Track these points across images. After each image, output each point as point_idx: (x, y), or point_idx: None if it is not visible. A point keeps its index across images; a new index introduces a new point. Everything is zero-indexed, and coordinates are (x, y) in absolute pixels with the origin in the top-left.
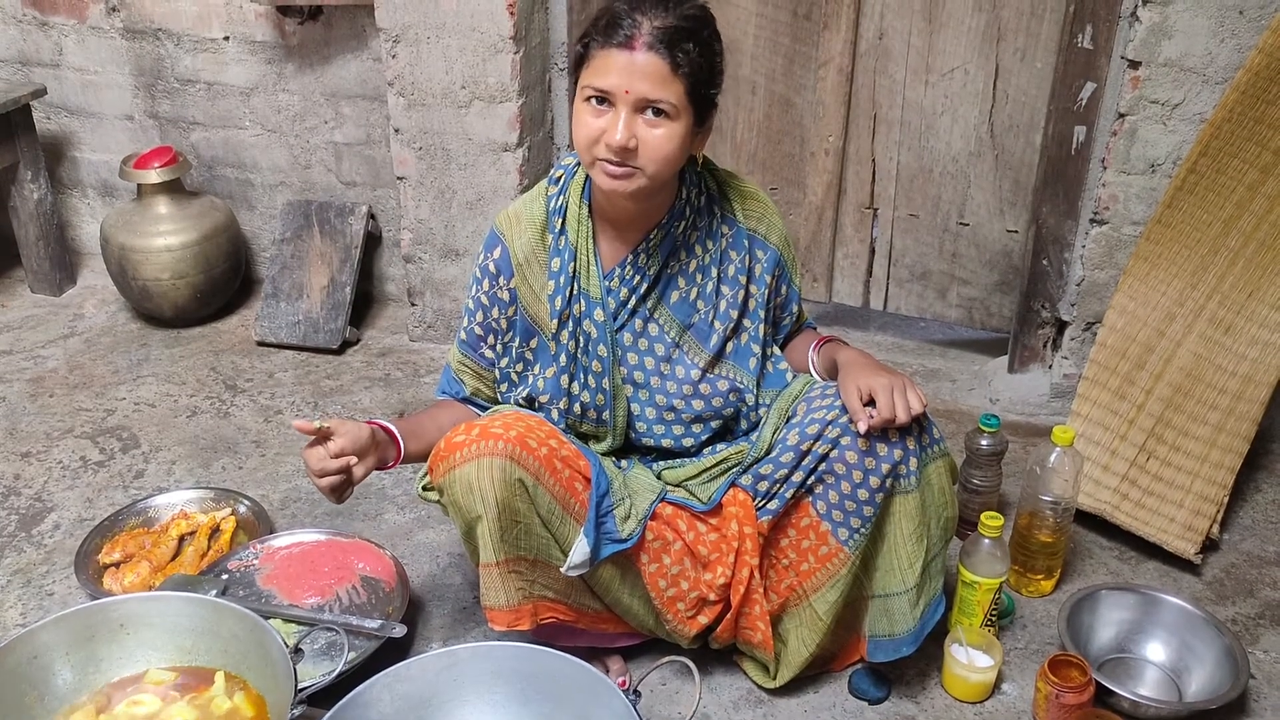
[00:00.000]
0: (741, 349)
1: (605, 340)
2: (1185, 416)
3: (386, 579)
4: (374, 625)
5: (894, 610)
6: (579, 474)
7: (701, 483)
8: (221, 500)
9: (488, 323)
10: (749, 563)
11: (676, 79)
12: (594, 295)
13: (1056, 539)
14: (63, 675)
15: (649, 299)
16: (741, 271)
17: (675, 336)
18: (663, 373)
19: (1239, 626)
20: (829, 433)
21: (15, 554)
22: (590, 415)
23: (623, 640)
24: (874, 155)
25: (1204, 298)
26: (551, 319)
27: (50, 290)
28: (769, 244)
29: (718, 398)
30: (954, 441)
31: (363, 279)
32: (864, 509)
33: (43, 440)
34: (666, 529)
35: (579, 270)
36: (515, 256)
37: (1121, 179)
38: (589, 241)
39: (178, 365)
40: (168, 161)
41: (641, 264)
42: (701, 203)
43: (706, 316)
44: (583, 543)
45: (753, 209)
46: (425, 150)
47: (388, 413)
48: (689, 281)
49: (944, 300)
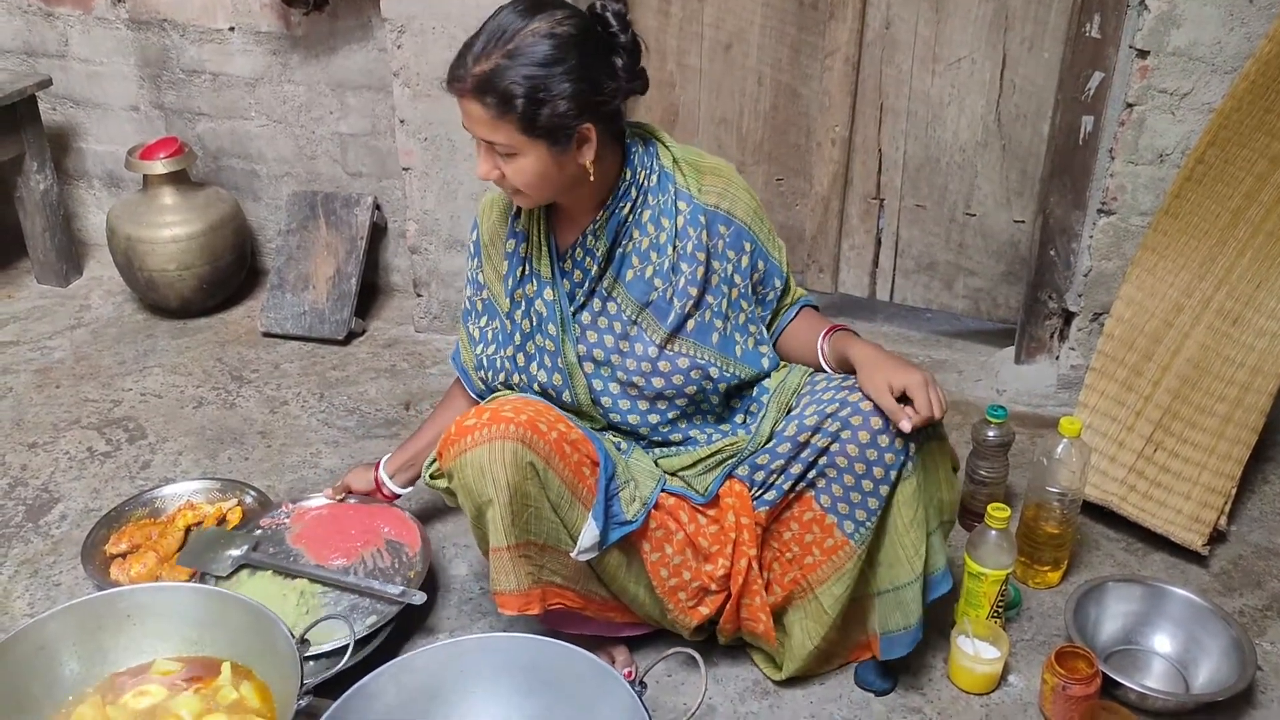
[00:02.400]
0: (704, 325)
1: (554, 319)
2: (1192, 408)
3: (410, 543)
4: (395, 591)
5: (907, 601)
6: (587, 458)
7: (698, 473)
8: (228, 491)
9: (474, 299)
10: (746, 553)
11: (504, 122)
12: (544, 275)
13: (1063, 530)
14: (70, 666)
15: (604, 279)
16: (700, 248)
17: (632, 314)
18: (621, 350)
19: (1246, 618)
20: (828, 425)
21: (22, 544)
22: (551, 395)
23: (629, 630)
24: (880, 145)
25: (1211, 289)
26: (505, 298)
27: (57, 281)
28: (733, 218)
29: (678, 375)
30: (960, 433)
31: (368, 270)
32: (869, 500)
33: (49, 431)
34: (669, 519)
35: (530, 252)
36: (483, 239)
37: (1129, 169)
38: (540, 224)
39: (184, 356)
40: (173, 152)
41: (590, 245)
42: (654, 182)
43: (665, 294)
44: (592, 526)
45: (711, 185)
46: (430, 141)
47: (394, 403)
48: (643, 260)
49: (950, 291)
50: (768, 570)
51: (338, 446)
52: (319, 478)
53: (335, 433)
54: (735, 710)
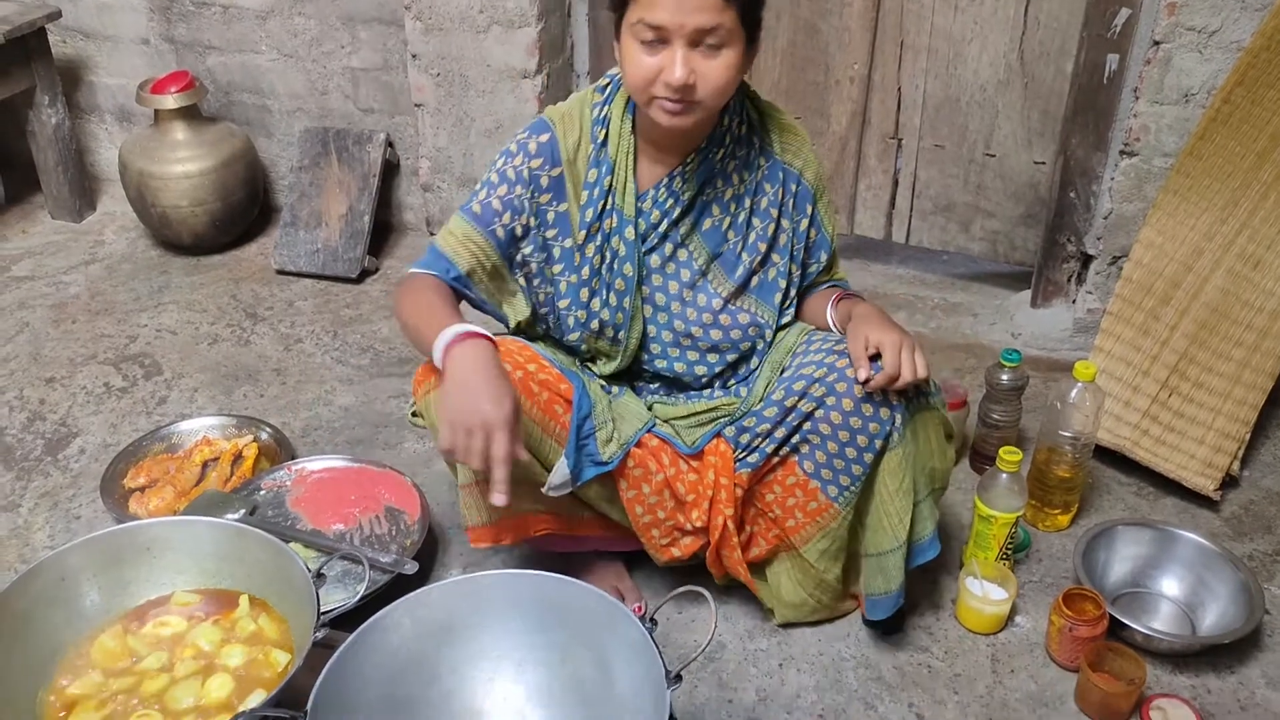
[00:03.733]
0: (768, 284)
1: (632, 259)
2: (1210, 353)
3: (409, 511)
4: (388, 560)
5: (888, 567)
6: (559, 397)
7: (689, 426)
8: (244, 427)
9: (510, 198)
10: (723, 512)
11: (730, 5)
12: (627, 213)
13: (1074, 474)
14: (90, 596)
15: (682, 224)
16: (774, 205)
17: (703, 264)
18: (685, 299)
19: (1255, 563)
20: (814, 390)
21: (42, 478)
22: (607, 333)
23: (624, 544)
24: (900, 84)
25: (1233, 232)
26: (580, 229)
27: (70, 216)
28: (803, 180)
29: (736, 330)
30: (974, 376)
31: (381, 208)
32: (853, 467)
33: (66, 366)
34: (650, 459)
35: (615, 186)
36: (564, 150)
37: (1154, 109)
38: (629, 158)
39: (198, 293)
40: (184, 86)
41: (676, 188)
42: (742, 132)
43: (735, 247)
44: (562, 465)
45: (790, 143)
46: (443, 76)
47: (407, 342)
48: (723, 210)
49: (967, 233)
50: (751, 525)
51: (352, 385)
52: (333, 415)
53: (349, 371)
54: (744, 647)
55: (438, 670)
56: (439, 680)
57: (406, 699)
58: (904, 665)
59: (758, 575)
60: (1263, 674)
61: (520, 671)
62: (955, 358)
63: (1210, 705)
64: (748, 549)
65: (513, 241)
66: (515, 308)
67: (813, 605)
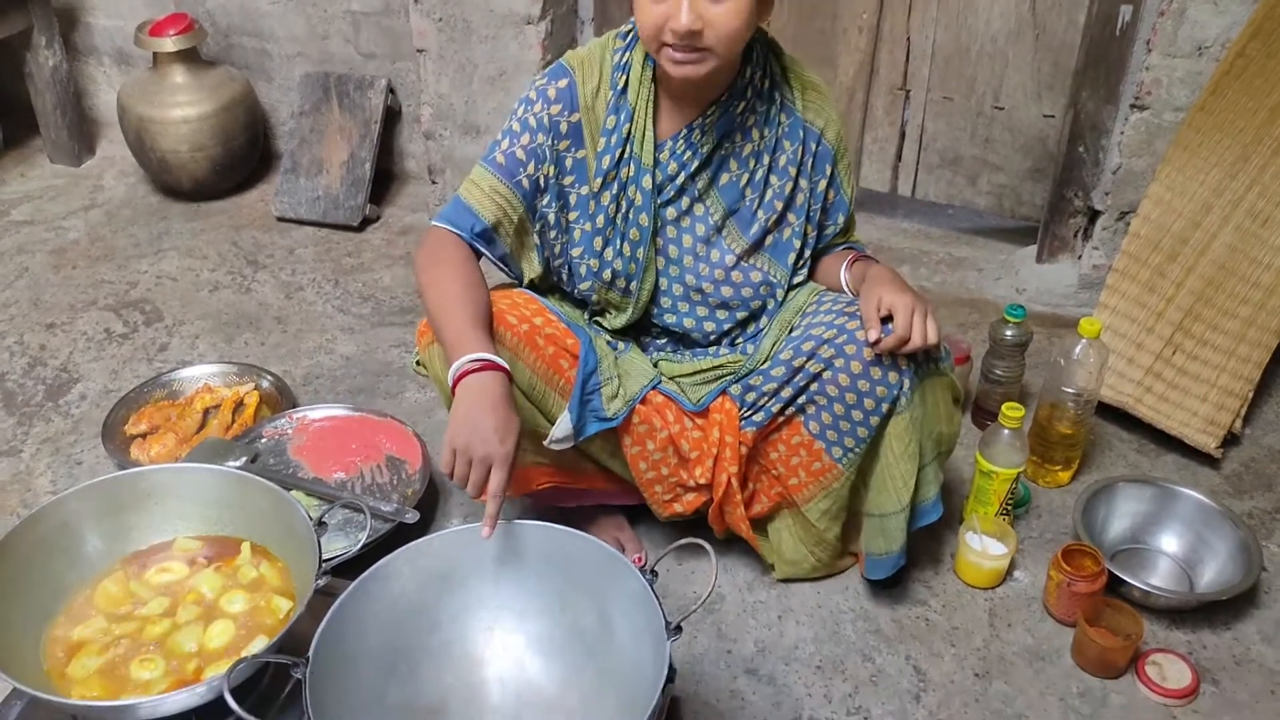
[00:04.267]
0: (782, 243)
1: (648, 210)
2: (1215, 310)
3: (411, 460)
4: (389, 509)
5: (890, 529)
6: (565, 351)
7: (694, 384)
8: (245, 375)
9: (534, 147)
10: (727, 469)
11: None
12: (645, 162)
13: (1076, 431)
14: (92, 542)
15: (699, 178)
16: (793, 163)
17: (718, 220)
18: (698, 254)
19: (1255, 520)
20: (823, 352)
21: (44, 423)
22: (619, 284)
23: (627, 498)
24: (909, 33)
25: (1243, 188)
26: (596, 177)
27: (69, 160)
28: (824, 139)
29: (748, 287)
30: (978, 331)
31: (382, 155)
32: (858, 430)
33: (66, 312)
34: (655, 415)
35: (634, 134)
36: (583, 96)
37: (1166, 62)
38: (649, 106)
39: (198, 239)
40: (183, 29)
41: (695, 140)
42: (764, 86)
43: (751, 205)
44: (565, 418)
45: (813, 100)
46: (445, 21)
47: (408, 291)
48: (741, 165)
49: (974, 187)
50: (754, 482)
51: (353, 334)
52: (335, 364)
53: (350, 319)
54: (744, 599)
55: (438, 619)
56: (440, 629)
57: (407, 647)
58: (902, 618)
59: (759, 531)
60: (1258, 630)
61: (520, 621)
62: (959, 313)
63: (1205, 660)
64: (750, 505)
65: (536, 192)
66: (530, 263)
67: (812, 563)
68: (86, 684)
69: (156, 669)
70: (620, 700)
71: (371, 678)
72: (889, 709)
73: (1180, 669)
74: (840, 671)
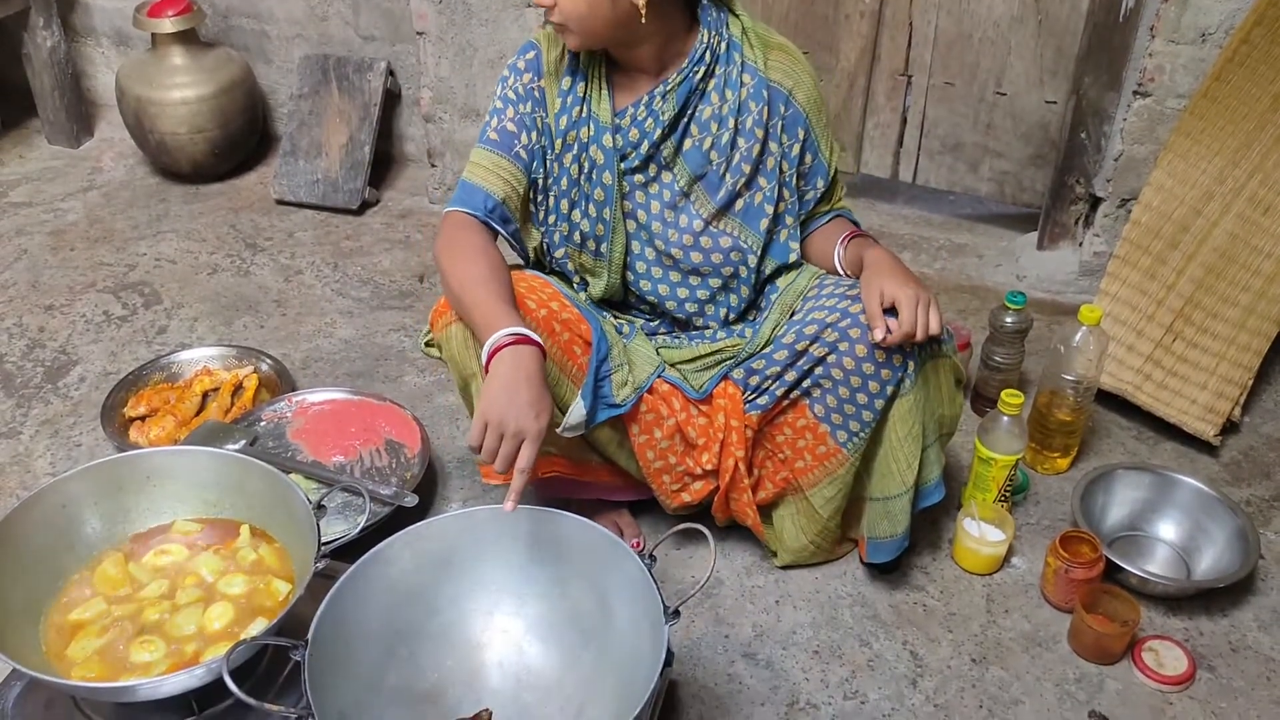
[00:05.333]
0: (754, 208)
1: (611, 168)
2: (1215, 298)
3: (410, 444)
4: (388, 492)
5: (895, 512)
6: (579, 338)
7: (696, 369)
8: (244, 358)
9: (521, 117)
10: (734, 454)
11: None
12: (603, 120)
13: (1075, 418)
14: (91, 524)
15: (665, 146)
16: (759, 125)
17: (685, 186)
18: (666, 220)
19: (1253, 508)
20: (827, 335)
21: (43, 405)
22: (589, 246)
23: (629, 493)
24: (911, 19)
25: (1245, 176)
26: (557, 138)
27: (67, 142)
28: (793, 100)
29: (717, 253)
30: (978, 318)
31: (382, 138)
32: (863, 413)
33: (65, 294)
34: (661, 403)
35: (589, 93)
36: (547, 64)
37: (1169, 48)
38: (600, 68)
39: (197, 222)
40: (182, 10)
41: (656, 107)
42: (722, 50)
43: (718, 169)
44: (579, 405)
45: (779, 61)
46: (445, 4)
47: (408, 275)
48: (703, 130)
49: (975, 173)
50: (759, 468)
51: (352, 317)
52: (334, 347)
53: (349, 303)
54: (742, 584)
55: (437, 602)
56: (439, 612)
57: (406, 631)
58: (899, 604)
59: (763, 519)
60: (1255, 617)
61: (519, 605)
62: (959, 299)
63: (1201, 647)
64: (755, 492)
65: (533, 160)
66: (530, 235)
67: (812, 550)
68: (86, 665)
69: (156, 651)
70: (618, 684)
71: (370, 661)
72: (885, 694)
73: (1177, 655)
74: (837, 656)
